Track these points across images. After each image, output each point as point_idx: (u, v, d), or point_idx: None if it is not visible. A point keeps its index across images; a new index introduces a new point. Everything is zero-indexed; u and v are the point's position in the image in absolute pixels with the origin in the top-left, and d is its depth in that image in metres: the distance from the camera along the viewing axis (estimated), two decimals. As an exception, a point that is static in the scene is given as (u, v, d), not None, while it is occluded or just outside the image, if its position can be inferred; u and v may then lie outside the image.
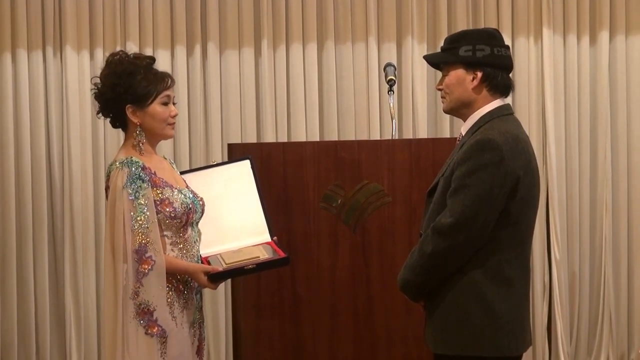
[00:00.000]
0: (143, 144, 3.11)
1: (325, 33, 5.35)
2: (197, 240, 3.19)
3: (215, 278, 3.10)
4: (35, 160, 5.18)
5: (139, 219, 2.98)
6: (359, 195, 3.72)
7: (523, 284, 2.88)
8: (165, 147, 5.01)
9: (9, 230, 5.16)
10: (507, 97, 2.97)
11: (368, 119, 5.33)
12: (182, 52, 5.28)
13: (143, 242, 2.97)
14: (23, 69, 5.18)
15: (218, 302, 5.24)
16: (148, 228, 2.98)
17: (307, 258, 3.71)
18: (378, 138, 5.23)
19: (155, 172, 3.09)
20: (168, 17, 5.29)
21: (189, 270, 3.09)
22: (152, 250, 2.98)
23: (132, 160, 3.04)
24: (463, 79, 2.91)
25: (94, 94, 3.16)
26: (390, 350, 3.73)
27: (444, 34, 5.16)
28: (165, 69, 3.31)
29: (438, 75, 3.15)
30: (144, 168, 3.04)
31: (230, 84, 5.31)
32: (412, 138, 5.18)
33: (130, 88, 3.07)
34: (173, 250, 3.10)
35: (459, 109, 2.96)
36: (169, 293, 3.06)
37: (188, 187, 3.22)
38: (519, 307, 2.86)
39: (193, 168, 4.25)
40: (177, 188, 3.12)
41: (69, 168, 5.17)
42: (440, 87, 2.98)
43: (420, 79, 5.35)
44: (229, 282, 3.86)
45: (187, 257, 3.12)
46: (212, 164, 3.50)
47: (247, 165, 3.38)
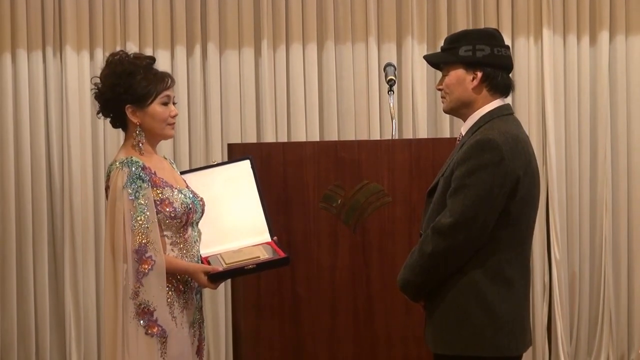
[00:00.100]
0: (143, 144, 3.11)
1: (325, 33, 5.35)
2: (197, 240, 3.19)
3: (215, 278, 3.10)
4: (35, 160, 5.18)
5: (139, 219, 2.98)
6: (359, 195, 3.72)
7: (523, 284, 2.87)
8: (165, 147, 5.01)
9: (9, 230, 5.16)
10: (507, 97, 2.97)
11: (368, 119, 5.32)
12: (182, 52, 5.28)
13: (143, 242, 2.97)
14: (23, 69, 5.18)
15: (218, 302, 5.24)
16: (148, 228, 2.98)
17: (307, 258, 3.71)
18: (378, 138, 5.23)
19: (156, 172, 3.09)
20: (168, 17, 5.29)
21: (189, 270, 3.09)
22: (152, 250, 2.98)
23: (132, 160, 3.04)
24: (463, 79, 2.91)
25: (94, 94, 3.16)
26: (390, 351, 3.73)
27: (444, 34, 5.16)
28: (165, 69, 3.30)
29: (438, 75, 3.15)
30: (144, 168, 3.04)
31: (230, 84, 5.31)
32: (412, 138, 5.17)
33: (130, 88, 3.07)
34: (173, 250, 3.10)
35: (459, 109, 2.96)
36: (169, 293, 3.06)
37: (188, 187, 3.22)
38: (519, 307, 2.86)
39: (193, 168, 4.25)
40: (177, 188, 3.12)
41: (69, 168, 5.17)
42: (440, 87, 2.98)
43: (420, 79, 5.35)
44: (229, 282, 3.86)
45: (187, 257, 3.12)
46: (212, 164, 3.50)
47: (247, 165, 3.38)
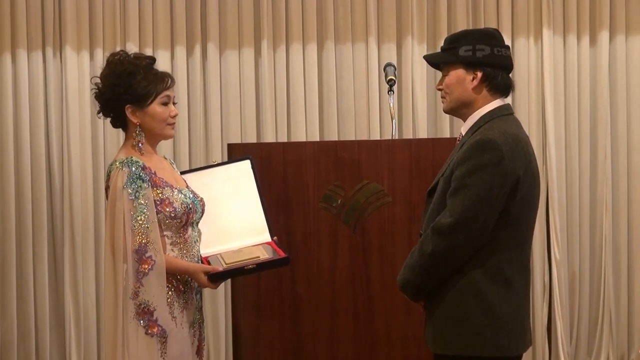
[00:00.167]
0: (143, 144, 3.11)
1: (325, 33, 5.35)
2: (197, 240, 3.19)
3: (215, 278, 3.10)
4: (35, 161, 5.18)
5: (139, 219, 2.98)
6: (359, 195, 3.72)
7: (523, 284, 2.87)
8: (165, 147, 5.01)
9: (9, 231, 5.16)
10: (507, 97, 2.97)
11: (368, 119, 5.32)
12: (182, 52, 5.28)
13: (143, 242, 2.97)
14: (23, 69, 5.18)
15: (218, 302, 5.24)
16: (148, 228, 2.98)
17: (307, 258, 3.71)
18: (378, 138, 5.22)
19: (156, 172, 3.09)
20: (168, 17, 5.29)
21: (189, 270, 3.09)
22: (152, 250, 2.98)
23: (132, 160, 3.04)
24: (463, 79, 2.91)
25: (94, 94, 3.16)
26: (390, 351, 3.73)
27: (444, 34, 5.16)
28: (165, 69, 3.30)
29: (438, 75, 3.14)
30: (144, 168, 3.04)
31: (230, 84, 5.31)
32: (412, 138, 5.17)
33: (130, 88, 3.07)
34: (173, 250, 3.10)
35: (459, 109, 2.96)
36: (169, 293, 3.06)
37: (188, 187, 3.22)
38: (519, 307, 2.85)
39: (193, 168, 4.25)
40: (177, 188, 3.12)
41: (69, 168, 5.17)
42: (440, 87, 2.98)
43: (420, 79, 5.35)
44: (229, 282, 3.86)
45: (187, 257, 3.12)
46: (212, 164, 3.50)
47: (247, 165, 3.38)
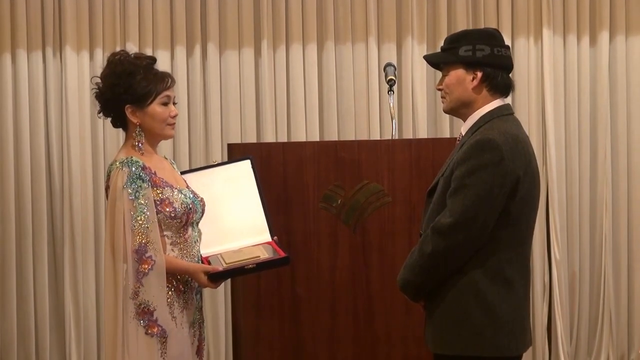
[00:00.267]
0: (143, 144, 3.11)
1: (325, 33, 5.35)
2: (197, 240, 3.19)
3: (215, 278, 3.10)
4: (35, 161, 5.18)
5: (139, 219, 2.98)
6: (359, 195, 3.72)
7: (523, 284, 2.87)
8: (165, 147, 5.01)
9: (9, 231, 5.16)
10: (507, 97, 2.97)
11: (368, 119, 5.32)
12: (182, 52, 5.28)
13: (143, 242, 2.97)
14: (23, 70, 5.18)
15: (218, 302, 5.24)
16: (148, 228, 2.98)
17: (307, 258, 3.71)
18: (378, 138, 5.22)
19: (156, 172, 3.09)
20: (168, 17, 5.29)
21: (189, 270, 3.09)
22: (152, 250, 2.97)
23: (132, 160, 3.04)
24: (463, 79, 2.91)
25: (95, 94, 3.16)
26: (390, 351, 3.73)
27: (444, 34, 5.16)
28: (165, 69, 3.30)
29: (438, 75, 3.14)
30: (144, 168, 3.04)
31: (230, 85, 5.31)
32: (412, 138, 5.17)
33: (130, 88, 3.07)
34: (173, 250, 3.10)
35: (459, 109, 2.96)
36: (169, 293, 3.06)
37: (188, 187, 3.22)
38: (519, 307, 2.85)
39: (193, 168, 4.25)
40: (177, 188, 3.12)
41: (69, 168, 5.17)
42: (440, 87, 2.98)
43: (420, 79, 5.35)
44: (229, 282, 3.86)
45: (187, 257, 3.12)
46: (212, 164, 3.50)
47: (247, 165, 3.38)
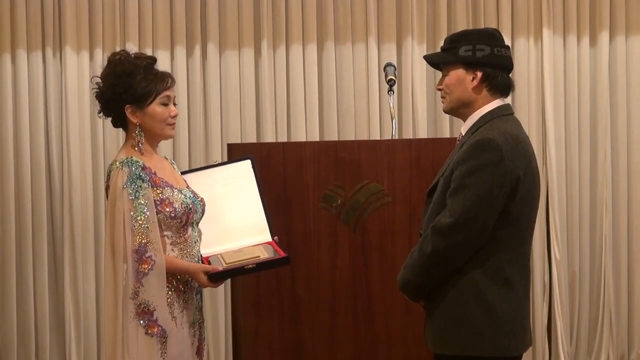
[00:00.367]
0: (143, 144, 3.11)
1: (325, 34, 5.35)
2: (197, 240, 3.19)
3: (215, 277, 3.10)
4: (35, 161, 5.18)
5: (139, 219, 2.98)
6: (359, 195, 3.72)
7: (523, 284, 2.87)
8: (165, 147, 5.01)
9: (9, 231, 5.16)
10: (507, 97, 2.97)
11: (368, 119, 5.32)
12: (181, 52, 5.28)
13: (143, 242, 2.97)
14: (23, 70, 5.18)
15: (218, 302, 5.24)
16: (148, 228, 2.98)
17: (307, 258, 3.71)
18: (378, 138, 5.22)
19: (156, 172, 3.09)
20: (168, 17, 5.29)
21: (189, 270, 3.09)
22: (152, 250, 2.97)
23: (132, 160, 3.04)
24: (463, 79, 2.91)
25: (95, 94, 3.16)
26: (390, 351, 3.73)
27: (444, 34, 5.16)
28: (165, 70, 3.30)
29: (438, 75, 3.14)
30: (144, 168, 3.04)
31: (230, 85, 5.31)
32: (412, 138, 5.17)
33: (130, 88, 3.07)
34: (173, 250, 3.10)
35: (459, 109, 2.96)
36: (169, 293, 3.06)
37: (188, 187, 3.22)
38: (519, 307, 2.85)
39: (194, 168, 4.25)
40: (177, 188, 3.12)
41: (69, 168, 5.17)
42: (440, 87, 2.98)
43: (420, 79, 5.35)
44: (229, 282, 3.86)
45: (187, 257, 3.12)
46: (213, 164, 3.51)
47: (248, 165, 3.38)
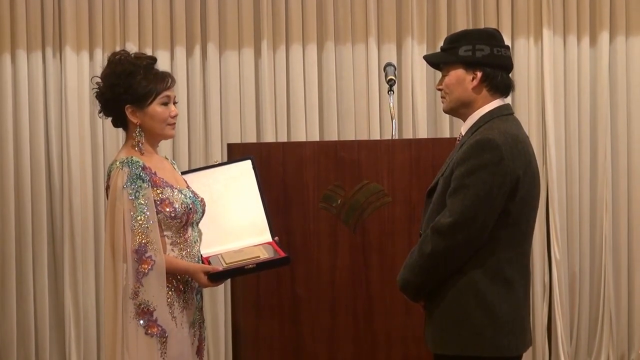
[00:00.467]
0: (143, 144, 3.11)
1: (325, 34, 5.35)
2: (197, 240, 3.19)
3: (215, 278, 3.10)
4: (35, 161, 5.18)
5: (139, 219, 2.98)
6: (359, 195, 3.72)
7: (523, 284, 2.87)
8: (165, 147, 5.01)
9: (9, 231, 5.16)
10: (507, 97, 2.97)
11: (368, 119, 5.32)
12: (181, 52, 5.27)
13: (143, 242, 2.97)
14: (22, 70, 5.18)
15: (218, 302, 5.24)
16: (148, 228, 2.98)
17: (307, 258, 3.71)
18: (378, 138, 5.22)
19: (156, 172, 3.09)
20: (168, 17, 5.29)
21: (189, 270, 3.09)
22: (152, 250, 2.97)
23: (132, 160, 3.04)
24: (463, 79, 2.91)
25: (95, 94, 3.16)
26: (390, 351, 3.73)
27: (444, 34, 5.16)
28: (165, 70, 3.30)
29: (438, 75, 3.14)
30: (144, 168, 3.04)
31: (230, 85, 5.31)
32: (412, 138, 5.17)
33: (130, 88, 3.07)
34: (173, 250, 3.10)
35: (459, 109, 2.96)
36: (169, 293, 3.06)
37: (189, 187, 3.22)
38: (519, 307, 2.85)
39: (194, 168, 4.25)
40: (177, 188, 3.12)
41: (68, 168, 5.17)
42: (440, 87, 2.98)
43: (420, 79, 5.35)
44: (229, 282, 3.86)
45: (187, 257, 3.12)
46: (213, 164, 3.51)
47: (248, 165, 3.38)
